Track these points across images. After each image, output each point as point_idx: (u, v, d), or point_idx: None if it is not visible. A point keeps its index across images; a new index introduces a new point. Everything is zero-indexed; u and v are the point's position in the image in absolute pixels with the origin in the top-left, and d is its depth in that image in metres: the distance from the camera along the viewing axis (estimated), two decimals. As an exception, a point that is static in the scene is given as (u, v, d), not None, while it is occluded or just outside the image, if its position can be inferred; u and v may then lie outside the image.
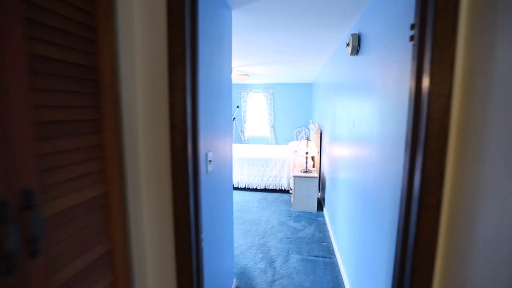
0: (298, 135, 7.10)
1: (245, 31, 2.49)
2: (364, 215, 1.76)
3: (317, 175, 3.80)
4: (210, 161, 1.50)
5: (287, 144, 7.14)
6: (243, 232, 3.23)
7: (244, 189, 4.84)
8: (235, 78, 4.78)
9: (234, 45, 3.02)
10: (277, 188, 4.67)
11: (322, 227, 3.33)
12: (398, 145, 1.20)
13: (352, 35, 1.97)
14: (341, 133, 2.68)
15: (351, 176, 2.19)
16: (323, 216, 3.66)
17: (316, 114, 5.33)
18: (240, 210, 3.88)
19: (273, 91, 7.14)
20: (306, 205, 3.83)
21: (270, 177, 4.66)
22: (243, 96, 7.26)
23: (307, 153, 3.84)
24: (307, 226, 3.38)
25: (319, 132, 4.27)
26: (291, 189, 4.04)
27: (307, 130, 6.99)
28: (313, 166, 4.39)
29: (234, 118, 7.04)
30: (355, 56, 2.07)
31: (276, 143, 7.34)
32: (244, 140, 7.41)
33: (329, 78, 3.59)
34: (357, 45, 1.96)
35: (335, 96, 3.07)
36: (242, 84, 7.30)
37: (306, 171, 3.91)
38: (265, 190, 4.77)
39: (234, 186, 4.85)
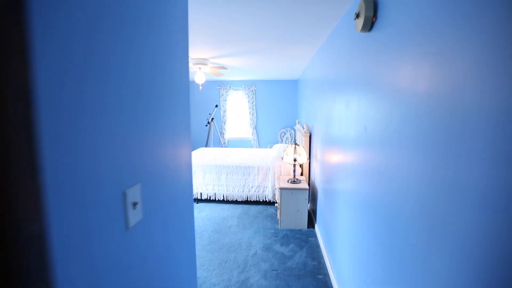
0: (283, 136, 6.52)
1: (212, 5, 1.83)
2: (390, 244, 1.17)
3: (307, 186, 3.21)
4: (136, 203, 0.83)
5: (271, 147, 6.54)
6: (218, 263, 2.57)
7: (222, 201, 4.17)
8: (210, 72, 4.10)
9: (202, 29, 2.35)
10: (261, 200, 4.04)
11: (315, 251, 2.74)
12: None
13: (365, 0, 1.37)
14: (341, 136, 2.09)
15: (361, 189, 1.59)
16: (315, 235, 3.07)
17: (303, 114, 4.76)
18: (217, 231, 3.22)
19: (255, 88, 6.51)
20: (294, 222, 3.23)
21: (252, 187, 4.02)
22: (222, 94, 6.57)
23: (295, 160, 3.24)
24: (297, 250, 2.77)
25: (308, 134, 3.69)
26: (276, 202, 3.44)
27: (292, 131, 6.42)
28: (301, 174, 3.80)
29: (212, 119, 6.34)
30: (368, 33, 1.47)
31: (259, 146, 6.72)
32: (224, 143, 6.73)
33: (322, 71, 3.00)
34: (371, 15, 1.36)
35: (332, 93, 2.48)
36: (220, 81, 6.61)
37: (294, 181, 3.31)
38: (247, 202, 4.12)
39: (210, 199, 4.17)
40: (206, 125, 6.42)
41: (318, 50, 3.22)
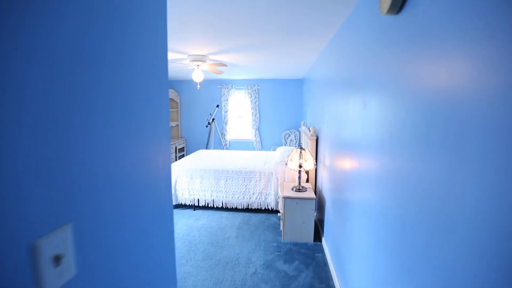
0: (287, 138, 6.21)
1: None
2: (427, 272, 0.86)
3: (313, 195, 2.91)
4: (60, 257, 0.53)
5: (274, 149, 6.24)
6: (213, 283, 2.27)
7: (221, 209, 3.88)
8: (209, 70, 3.82)
9: (198, 21, 2.06)
10: (263, 208, 3.74)
11: (323, 271, 2.43)
12: None
13: (394, -28, 1.06)
14: (357, 140, 1.79)
15: (385, 200, 1.29)
16: (322, 250, 2.77)
17: (310, 115, 4.45)
18: (214, 243, 2.93)
19: (258, 87, 6.21)
20: (299, 235, 2.92)
21: (253, 194, 3.72)
22: (223, 94, 6.29)
23: (300, 166, 2.94)
24: (303, 269, 2.46)
25: (315, 137, 3.38)
26: (279, 212, 3.14)
27: (297, 133, 6.11)
28: (307, 181, 3.50)
29: (213, 119, 6.06)
30: (396, 16, 1.17)
31: (262, 148, 6.42)
32: (225, 145, 6.45)
33: (332, 68, 2.69)
34: (402, -9, 1.06)
35: (344, 92, 2.17)
36: (222, 80, 6.33)
37: (299, 189, 3.00)
38: (247, 210, 3.83)
39: (208, 206, 3.88)
40: (207, 126, 6.15)
41: (327, 45, 2.92)
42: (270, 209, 3.72)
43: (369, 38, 1.56)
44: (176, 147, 6.06)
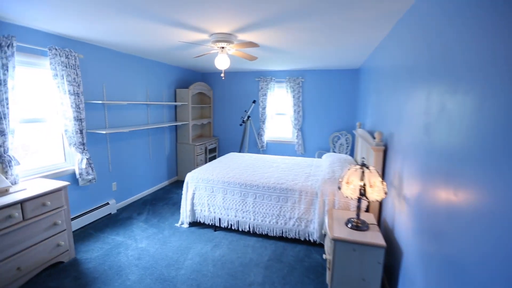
0: (336, 142, 5.10)
1: None
2: None
3: (382, 240, 1.87)
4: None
5: (319, 155, 5.19)
6: None
7: (248, 233, 3.04)
8: (237, 54, 2.96)
9: None
10: (302, 239, 2.79)
11: None
12: None
13: None
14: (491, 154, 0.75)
15: None
16: (394, 331, 1.73)
17: (371, 115, 3.32)
18: (230, 293, 2.10)
19: (302, 80, 5.20)
20: (356, 296, 1.92)
21: (290, 219, 2.80)
22: (261, 88, 5.42)
23: (363, 195, 1.91)
24: None
25: (382, 148, 2.30)
26: (326, 255, 2.18)
27: (349, 136, 4.96)
28: (367, 209, 2.45)
29: (248, 117, 5.25)
30: None
31: (305, 152, 5.41)
32: (262, 147, 5.59)
33: (421, 48, 1.61)
34: None
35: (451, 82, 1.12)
36: (260, 71, 5.46)
37: (357, 226, 1.99)
38: (281, 238, 2.92)
39: (232, 228, 3.07)
40: (241, 125, 5.36)
41: (404, 16, 1.83)
42: (313, 241, 2.76)
43: None
44: (206, 147, 5.41)
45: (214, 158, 5.86)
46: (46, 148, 2.97)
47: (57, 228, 2.43)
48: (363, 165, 1.96)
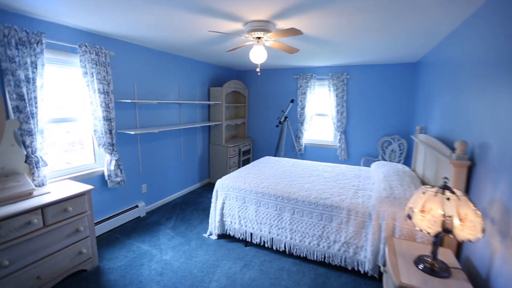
0: (386, 148, 4.44)
1: None
2: None
3: (472, 292, 1.34)
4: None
5: (366, 164, 4.57)
6: None
7: (284, 253, 2.63)
8: (276, 46, 2.56)
9: None
10: (349, 268, 2.31)
11: None
12: None
13: None
14: None
15: None
16: None
17: (441, 118, 2.67)
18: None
19: (348, 77, 4.62)
20: None
21: (335, 242, 2.33)
22: (300, 86, 4.96)
23: (449, 231, 1.38)
24: None
25: (467, 163, 1.72)
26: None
27: (404, 141, 4.26)
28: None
29: (286, 118, 4.82)
30: None
31: (348, 158, 4.83)
32: (300, 151, 5.13)
33: None
34: None
35: None
36: (299, 68, 5.00)
37: (434, 271, 1.48)
38: (323, 264, 2.47)
39: (265, 246, 2.69)
40: (277, 126, 4.96)
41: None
42: (364, 272, 2.26)
43: None
44: (240, 149, 5.11)
45: (248, 160, 5.55)
46: (76, 148, 2.88)
47: (79, 235, 2.27)
48: (446, 187, 1.44)
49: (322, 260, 2.41)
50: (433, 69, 3.04)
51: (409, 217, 1.50)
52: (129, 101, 3.06)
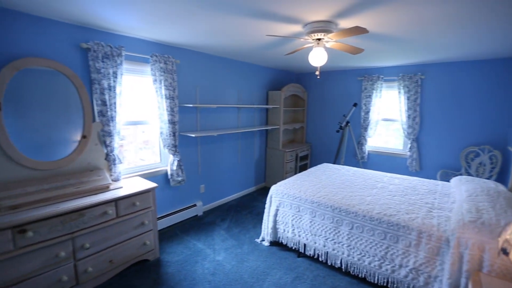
0: (472, 160, 3.73)
1: None
2: None
3: None
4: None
5: (444, 178, 3.93)
6: None
7: (339, 271, 2.41)
8: (337, 47, 2.38)
9: None
10: (419, 298, 1.97)
11: None
12: None
13: None
14: None
15: None
16: None
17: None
18: None
19: (422, 77, 4.06)
20: None
21: (402, 267, 2.02)
22: (365, 88, 4.57)
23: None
24: None
25: None
26: None
27: (496, 152, 3.52)
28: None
29: (347, 123, 4.51)
30: None
31: (420, 170, 4.23)
32: (362, 159, 4.72)
33: None
34: None
35: None
36: (363, 69, 4.62)
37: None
38: (386, 289, 2.17)
39: (319, 260, 2.51)
40: (338, 131, 4.66)
41: None
42: (435, 306, 1.90)
43: None
44: (297, 154, 4.97)
45: (305, 166, 5.37)
46: (146, 149, 3.20)
47: (144, 228, 2.50)
48: None
49: (385, 284, 2.13)
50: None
51: (505, 252, 1.18)
52: (191, 105, 3.26)
